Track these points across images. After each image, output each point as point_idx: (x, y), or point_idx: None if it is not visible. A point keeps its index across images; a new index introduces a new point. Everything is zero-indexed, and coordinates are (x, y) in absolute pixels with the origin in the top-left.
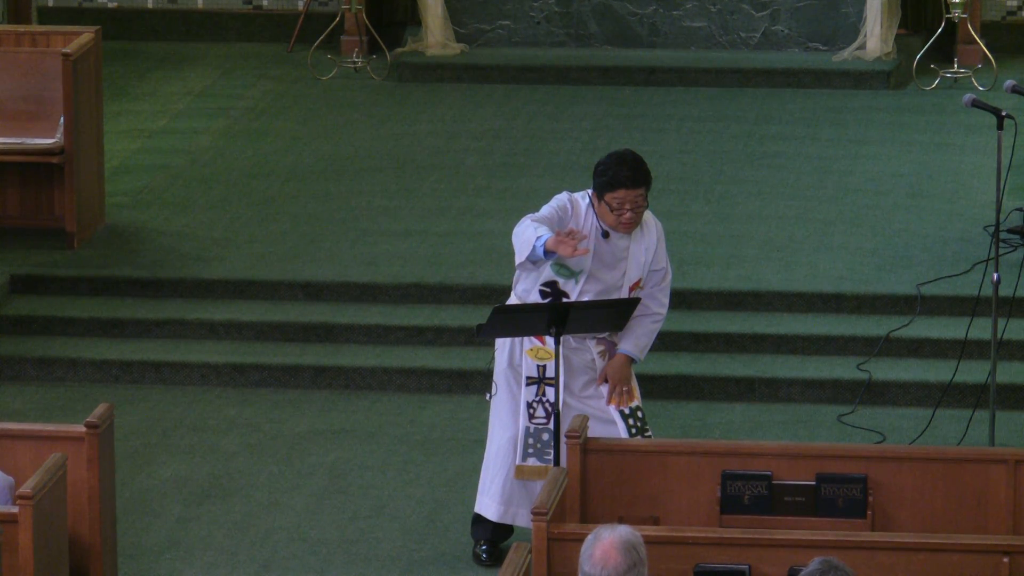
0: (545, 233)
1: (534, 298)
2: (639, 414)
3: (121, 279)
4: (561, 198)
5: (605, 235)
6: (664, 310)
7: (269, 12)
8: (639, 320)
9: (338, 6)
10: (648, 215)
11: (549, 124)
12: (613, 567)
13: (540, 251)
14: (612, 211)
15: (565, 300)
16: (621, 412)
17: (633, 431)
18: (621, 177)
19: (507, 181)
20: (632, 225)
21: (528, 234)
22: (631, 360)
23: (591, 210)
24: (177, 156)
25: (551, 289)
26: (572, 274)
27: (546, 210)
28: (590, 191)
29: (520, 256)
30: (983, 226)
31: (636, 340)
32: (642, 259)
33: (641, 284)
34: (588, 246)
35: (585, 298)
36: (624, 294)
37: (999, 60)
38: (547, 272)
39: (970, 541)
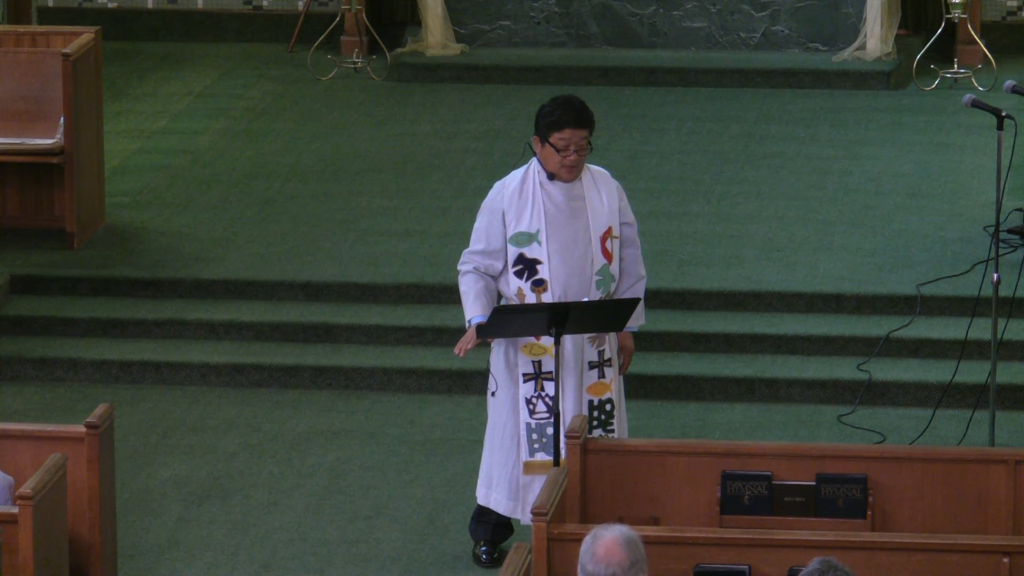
0: (475, 315)
1: (513, 283)
2: (607, 407)
3: (121, 279)
4: (483, 208)
5: (551, 177)
6: (644, 272)
7: (269, 12)
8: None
9: (338, 6)
10: (604, 171)
11: None
12: (618, 563)
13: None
14: (558, 152)
15: (564, 301)
16: (590, 403)
17: (594, 424)
18: (569, 117)
19: None
20: (576, 168)
21: (465, 304)
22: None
23: (529, 172)
24: (177, 156)
25: (523, 264)
26: (531, 237)
27: (475, 238)
28: (529, 163)
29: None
30: (983, 226)
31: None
32: (604, 208)
33: (614, 233)
34: (540, 208)
35: (555, 256)
36: (596, 246)
37: (999, 60)
38: (511, 251)
39: (970, 541)
